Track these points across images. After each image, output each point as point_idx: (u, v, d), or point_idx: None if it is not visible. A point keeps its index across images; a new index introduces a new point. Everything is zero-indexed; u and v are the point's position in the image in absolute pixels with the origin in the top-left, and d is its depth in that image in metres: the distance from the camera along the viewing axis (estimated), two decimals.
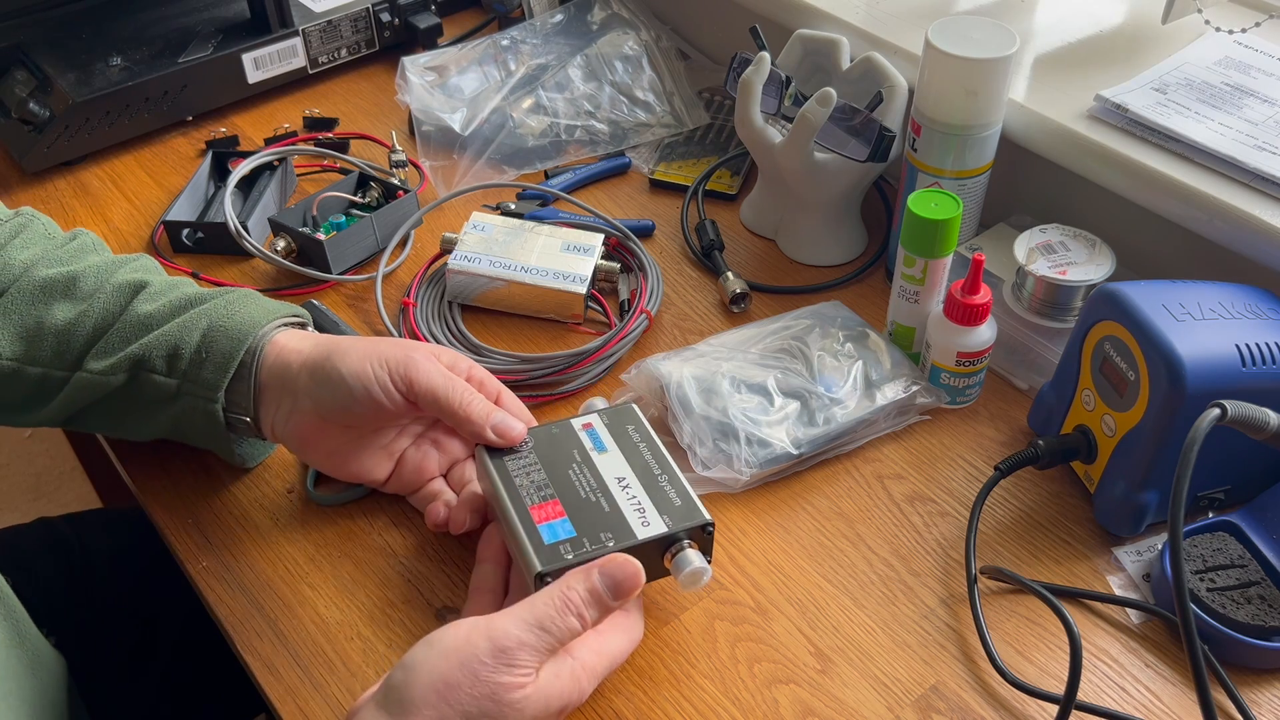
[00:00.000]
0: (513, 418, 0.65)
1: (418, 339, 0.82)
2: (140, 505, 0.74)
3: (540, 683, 0.52)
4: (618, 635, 0.58)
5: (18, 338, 0.67)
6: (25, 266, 0.69)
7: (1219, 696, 0.61)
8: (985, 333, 0.74)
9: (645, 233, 0.94)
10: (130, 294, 0.69)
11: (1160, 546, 0.68)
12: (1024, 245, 0.76)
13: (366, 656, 0.64)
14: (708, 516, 0.61)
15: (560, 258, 0.85)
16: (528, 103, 1.03)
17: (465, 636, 0.52)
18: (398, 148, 0.98)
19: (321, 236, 0.88)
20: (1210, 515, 0.68)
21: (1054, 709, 0.60)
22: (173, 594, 0.84)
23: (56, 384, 0.67)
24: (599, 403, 0.71)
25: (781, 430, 0.72)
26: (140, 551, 0.87)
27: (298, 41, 1.08)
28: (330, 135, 1.04)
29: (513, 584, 0.63)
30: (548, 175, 1.00)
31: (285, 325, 0.69)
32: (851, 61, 0.88)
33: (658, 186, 0.99)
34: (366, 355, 0.64)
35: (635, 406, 0.69)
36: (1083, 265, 0.75)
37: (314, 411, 0.65)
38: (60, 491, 1.79)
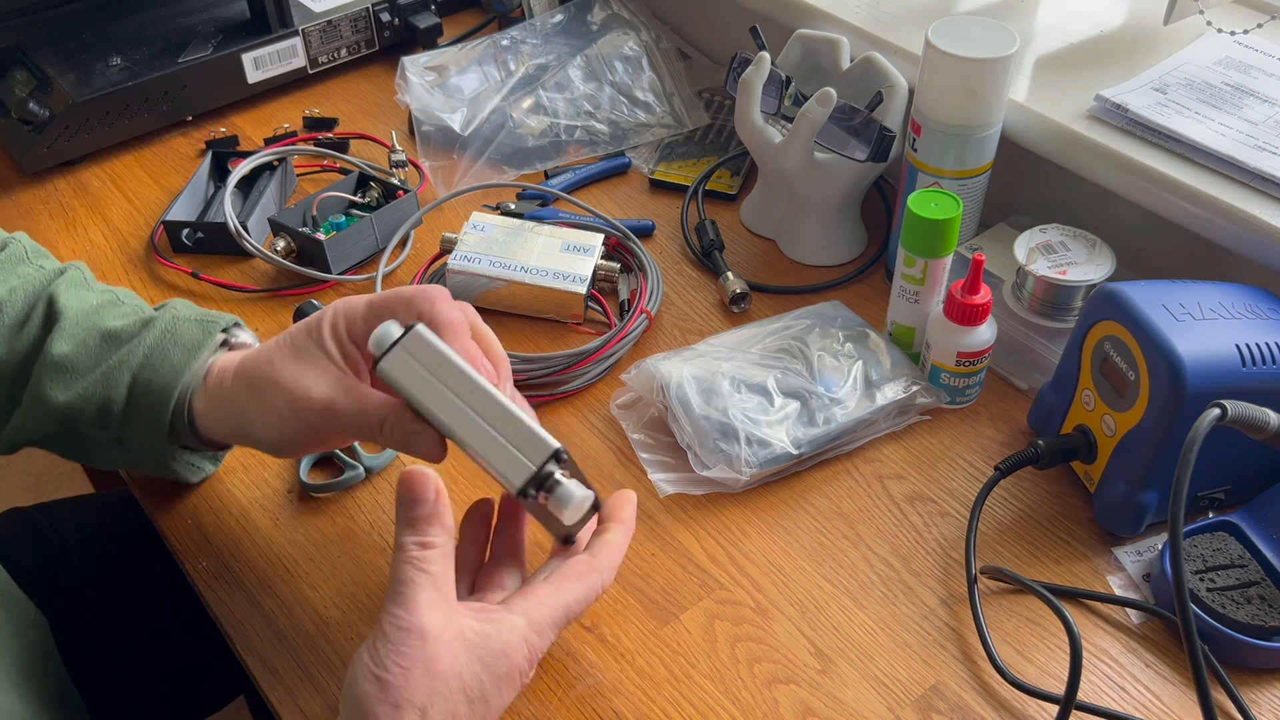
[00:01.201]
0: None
1: None
2: (116, 492, 0.74)
3: (472, 640, 0.52)
4: (571, 584, 0.56)
5: None
6: None
7: (1219, 696, 0.61)
8: (985, 333, 0.74)
9: (645, 233, 0.94)
10: (45, 328, 0.65)
11: (1160, 546, 0.68)
12: (1024, 245, 0.76)
13: None
14: (553, 445, 0.53)
15: (560, 258, 0.85)
16: (528, 103, 1.03)
17: (372, 646, 0.51)
18: (398, 148, 0.98)
19: (321, 236, 0.88)
20: (1210, 515, 0.68)
21: (1054, 709, 0.60)
22: (149, 573, 0.84)
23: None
24: (392, 329, 0.55)
25: (781, 430, 0.72)
26: (114, 533, 0.87)
27: (298, 41, 1.08)
28: (330, 135, 1.04)
29: None
30: (548, 175, 1.00)
31: (213, 355, 0.65)
32: (851, 61, 0.88)
33: (658, 186, 0.99)
34: (281, 423, 0.59)
35: (419, 329, 0.54)
36: (1083, 265, 0.75)
37: (266, 443, 0.63)
38: (60, 491, 1.79)
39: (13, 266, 0.68)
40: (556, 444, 0.54)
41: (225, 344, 0.66)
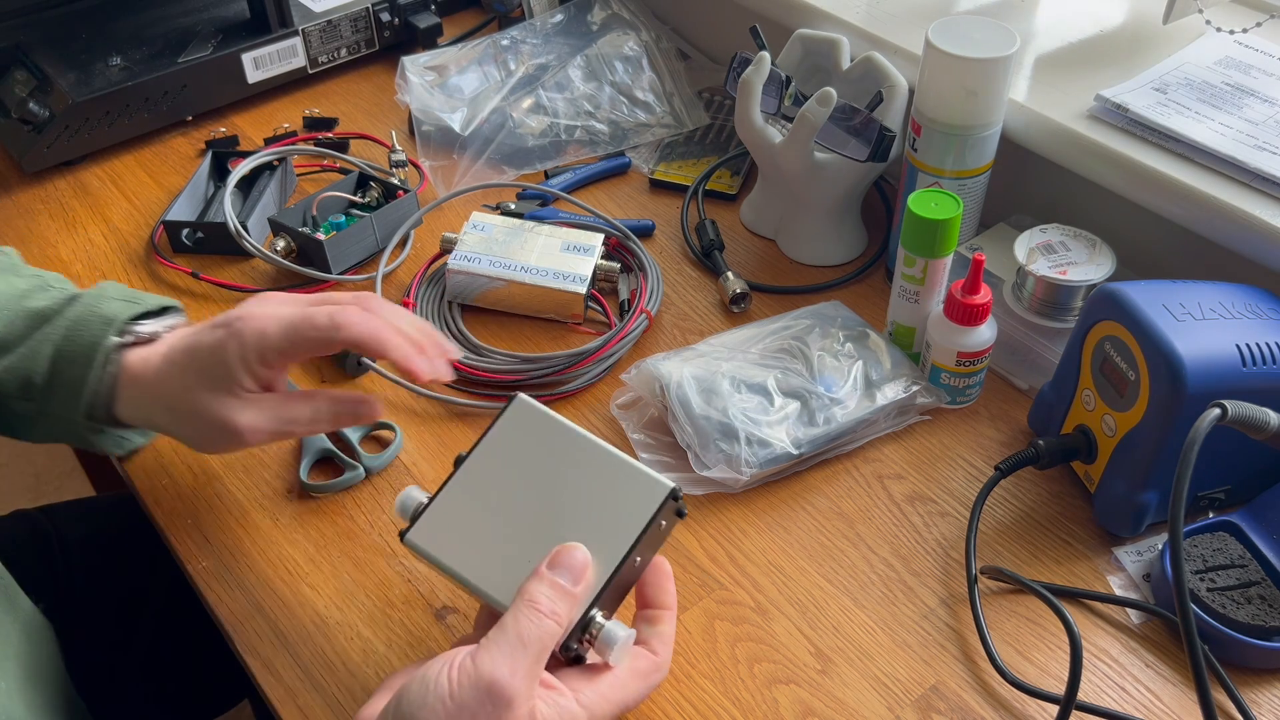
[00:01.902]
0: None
1: None
2: (118, 494, 0.74)
3: (546, 714, 0.51)
4: (635, 682, 0.55)
5: None
6: None
7: (1219, 696, 0.61)
8: (985, 333, 0.74)
9: (645, 233, 0.94)
10: None
11: (1160, 546, 0.68)
12: (1024, 245, 0.76)
13: (366, 656, 0.64)
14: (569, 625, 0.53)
15: (560, 258, 0.85)
16: (528, 103, 1.03)
17: (456, 681, 0.49)
18: (398, 148, 0.98)
19: (321, 236, 0.88)
20: (1210, 515, 0.68)
21: (1054, 709, 0.60)
22: (152, 576, 0.84)
23: None
24: (410, 502, 0.60)
25: (781, 430, 0.72)
26: (116, 537, 0.87)
27: (297, 41, 1.08)
28: (330, 135, 1.04)
29: None
30: (548, 175, 1.00)
31: (134, 329, 0.67)
32: (851, 61, 0.88)
33: (658, 186, 0.99)
34: (209, 440, 0.65)
35: (409, 540, 0.59)
36: (1083, 265, 0.75)
37: (192, 445, 0.67)
38: (60, 492, 1.79)
39: None
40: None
41: (134, 342, 0.67)
